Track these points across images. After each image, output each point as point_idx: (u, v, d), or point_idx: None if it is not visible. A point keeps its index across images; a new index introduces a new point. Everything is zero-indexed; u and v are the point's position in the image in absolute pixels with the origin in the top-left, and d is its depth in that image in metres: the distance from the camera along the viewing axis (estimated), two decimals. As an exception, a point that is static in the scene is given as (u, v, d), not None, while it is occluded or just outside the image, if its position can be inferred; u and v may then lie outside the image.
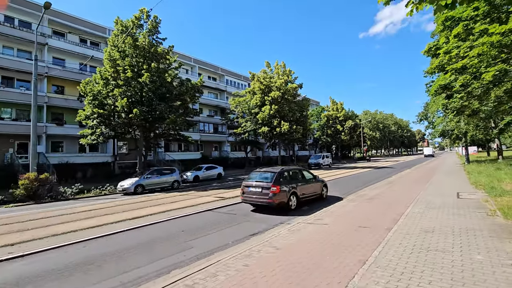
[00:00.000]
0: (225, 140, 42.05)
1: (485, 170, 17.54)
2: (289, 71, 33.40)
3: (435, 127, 27.79)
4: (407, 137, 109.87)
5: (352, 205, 9.22)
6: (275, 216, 8.40)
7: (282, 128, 30.52)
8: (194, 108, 21.29)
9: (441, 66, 11.62)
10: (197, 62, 41.73)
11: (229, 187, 16.41)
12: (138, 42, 17.93)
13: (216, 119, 41.59)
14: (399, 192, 11.58)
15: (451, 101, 12.61)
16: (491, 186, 10.87)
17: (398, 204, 8.94)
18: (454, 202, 8.84)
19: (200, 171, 22.86)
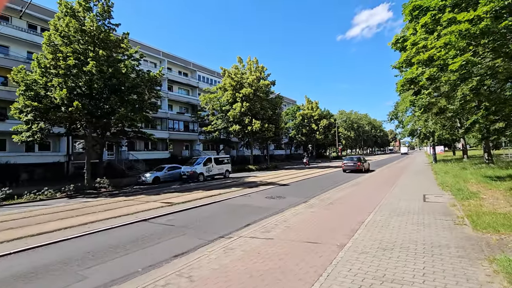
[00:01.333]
0: (196, 138, 40.09)
1: (452, 169, 17.40)
2: (262, 68, 32.23)
3: (404, 126, 27.96)
4: (380, 136, 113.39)
5: (310, 212, 8.10)
6: (217, 228, 7.07)
7: (253, 127, 29.30)
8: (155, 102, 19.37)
9: (408, 60, 10.88)
10: (167, 56, 39.40)
11: (186, 190, 14.86)
12: (85, 27, 15.80)
13: (187, 116, 39.55)
14: (365, 195, 10.70)
15: (418, 98, 11.96)
16: (457, 187, 10.27)
17: (360, 210, 7.94)
18: (420, 207, 7.99)
19: (161, 172, 21.03)
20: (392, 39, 10.70)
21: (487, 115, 12.10)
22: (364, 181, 15.79)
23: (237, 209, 9.38)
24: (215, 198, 11.72)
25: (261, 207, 9.64)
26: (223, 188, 15.10)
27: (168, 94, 37.94)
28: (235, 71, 31.24)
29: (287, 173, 25.21)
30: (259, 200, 11.09)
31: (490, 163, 17.59)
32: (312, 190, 13.38)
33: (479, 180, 11.98)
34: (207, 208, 9.66)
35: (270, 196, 11.83)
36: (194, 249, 5.50)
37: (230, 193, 13.12)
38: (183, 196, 12.51)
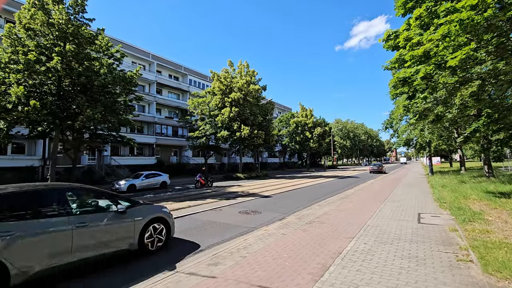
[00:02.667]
0: (185, 144, 38.55)
1: (449, 182, 16.06)
2: (252, 72, 31.10)
3: (399, 135, 26.77)
4: (377, 146, 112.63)
5: (281, 234, 6.64)
6: (157, 255, 5.59)
7: (242, 133, 27.94)
8: (130, 104, 17.98)
9: (401, 60, 9.66)
10: (156, 59, 38.27)
11: (156, 201, 13.32)
12: (53, 20, 14.50)
13: (176, 121, 38.11)
14: (351, 212, 9.27)
15: (413, 102, 10.69)
16: (457, 205, 8.88)
17: (341, 234, 6.51)
18: (413, 230, 6.57)
19: (138, 180, 19.47)
20: (383, 35, 9.48)
21: (489, 123, 10.84)
22: (355, 193, 14.38)
23: (197, 227, 7.90)
24: (181, 212, 10.22)
25: (228, 225, 8.17)
26: (198, 199, 13.59)
27: (156, 98, 36.68)
28: (224, 75, 30.06)
29: (276, 182, 23.74)
30: (230, 215, 9.62)
31: (490, 176, 16.29)
32: (295, 203, 11.94)
33: (481, 196, 10.62)
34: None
35: (245, 210, 10.36)
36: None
37: (201, 205, 11.63)
38: (147, 208, 10.97)
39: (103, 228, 4.70)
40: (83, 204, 4.95)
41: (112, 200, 5.27)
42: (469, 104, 10.89)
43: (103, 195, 5.41)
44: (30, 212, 4.04)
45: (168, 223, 6.01)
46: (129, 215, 5.19)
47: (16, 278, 3.55)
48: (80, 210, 4.71)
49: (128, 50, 34.69)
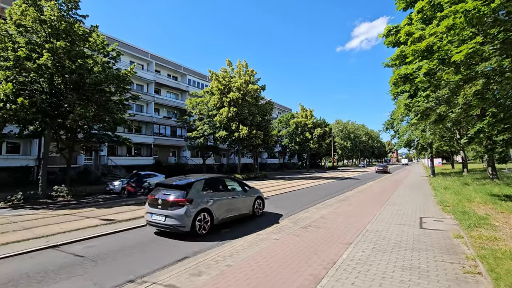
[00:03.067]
0: (184, 145, 38.10)
1: (452, 185, 15.60)
2: (251, 72, 30.71)
3: (400, 136, 26.28)
4: (377, 147, 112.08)
5: (273, 240, 6.21)
6: (136, 263, 5.17)
7: (240, 133, 27.52)
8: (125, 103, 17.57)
9: (403, 56, 9.22)
10: (155, 58, 37.91)
11: (149, 202, 12.89)
12: (44, 16, 14.12)
13: (174, 121, 37.69)
14: (349, 215, 8.83)
15: (414, 101, 10.25)
16: (461, 209, 8.43)
17: (337, 240, 6.07)
18: (414, 237, 6.13)
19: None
20: (383, 30, 9.05)
21: (494, 123, 10.39)
22: (354, 195, 13.93)
23: (187, 231, 7.47)
24: (172, 214, 9.80)
25: (219, 229, 7.74)
26: (191, 200, 13.16)
27: (154, 98, 36.29)
28: (223, 75, 29.66)
29: (274, 183, 23.29)
30: (222, 218, 9.19)
31: (494, 178, 15.83)
32: (291, 206, 11.50)
33: (485, 199, 10.17)
34: (150, 229, 7.74)
35: (239, 213, 9.91)
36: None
37: (194, 207, 11.19)
38: (137, 210, 10.56)
39: (240, 200, 8.38)
40: (232, 186, 8.71)
41: (241, 184, 9.02)
42: (473, 103, 10.45)
43: (238, 181, 9.20)
44: (216, 188, 7.91)
45: (264, 201, 9.73)
46: (249, 194, 8.91)
47: (215, 221, 7.28)
48: (231, 189, 8.49)
49: (126, 49, 34.39)
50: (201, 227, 6.81)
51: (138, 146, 35.17)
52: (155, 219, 6.83)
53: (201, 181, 7.36)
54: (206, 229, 6.94)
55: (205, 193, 7.26)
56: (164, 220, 6.63)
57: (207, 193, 7.34)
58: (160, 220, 6.71)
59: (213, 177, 8.14)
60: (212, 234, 7.06)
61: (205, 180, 7.53)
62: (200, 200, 6.92)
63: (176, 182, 7.29)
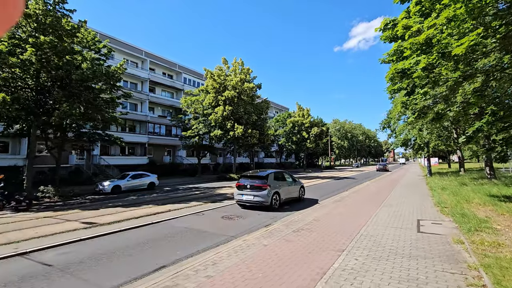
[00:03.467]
0: (179, 144, 37.56)
1: (449, 185, 15.28)
2: (247, 70, 30.23)
3: (397, 136, 25.96)
4: (374, 147, 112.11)
5: (262, 245, 5.79)
6: (109, 274, 4.73)
7: (236, 132, 27.06)
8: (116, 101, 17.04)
9: (400, 51, 8.83)
10: (150, 56, 37.28)
11: (136, 203, 12.42)
12: (29, 10, 13.56)
13: (169, 120, 37.13)
14: (344, 217, 8.43)
15: (412, 99, 9.88)
16: (460, 211, 8.07)
17: (329, 246, 5.67)
18: (412, 241, 5.74)
19: (123, 180, 18.53)
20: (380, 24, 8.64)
21: (494, 121, 10.05)
22: (350, 195, 13.55)
23: (170, 236, 7.03)
24: (159, 216, 9.34)
25: (206, 232, 7.31)
26: (182, 202, 12.71)
27: (149, 96, 35.69)
28: (218, 73, 29.15)
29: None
30: (211, 221, 8.76)
31: (492, 178, 15.54)
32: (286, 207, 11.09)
33: (485, 200, 9.83)
34: (132, 233, 7.30)
35: (229, 215, 9.49)
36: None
37: (183, 209, 10.75)
38: (124, 212, 10.09)
39: (292, 188, 11.74)
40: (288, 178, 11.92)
41: (292, 177, 12.33)
42: (472, 101, 10.10)
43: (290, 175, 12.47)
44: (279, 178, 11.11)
45: (304, 189, 13.43)
46: (297, 184, 12.35)
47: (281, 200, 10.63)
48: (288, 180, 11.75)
49: (121, 47, 33.81)
50: (275, 203, 10.35)
51: (132, 145, 34.58)
52: (246, 198, 10.37)
53: (273, 173, 10.91)
54: (277, 205, 10.46)
55: (276, 182, 10.73)
56: (253, 198, 10.18)
57: (276, 181, 10.81)
58: (250, 198, 10.26)
59: (278, 171, 11.74)
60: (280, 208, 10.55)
61: (274, 173, 11.12)
62: (273, 185, 10.41)
63: (259, 174, 10.98)
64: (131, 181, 18.78)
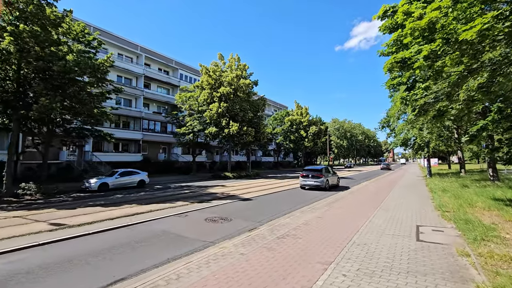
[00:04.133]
0: (175, 141, 36.83)
1: (450, 186, 14.59)
2: (244, 66, 29.48)
3: (397, 135, 25.24)
4: (374, 147, 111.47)
5: (239, 254, 5.09)
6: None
7: (231, 129, 26.34)
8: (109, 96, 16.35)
9: (400, 41, 8.10)
10: (145, 51, 36.52)
11: (118, 203, 11.71)
12: (9, -4, 12.79)
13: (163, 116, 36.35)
14: (336, 222, 7.74)
15: (412, 94, 9.16)
16: (463, 216, 7.37)
17: (316, 256, 4.97)
18: (410, 253, 5.04)
19: (111, 178, 17.81)
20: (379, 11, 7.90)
21: (500, 119, 9.35)
22: (346, 196, 12.86)
23: (145, 240, 6.34)
24: (138, 217, 8.64)
25: (183, 238, 6.61)
26: (167, 201, 12.00)
27: (143, 92, 34.95)
28: (214, 68, 28.40)
29: (264, 182, 22.20)
30: (193, 223, 8.06)
31: (495, 180, 14.85)
32: (275, 209, 10.39)
33: (489, 204, 9.14)
34: (101, 237, 6.60)
35: (213, 217, 8.78)
36: None
37: (166, 209, 10.05)
38: (100, 213, 9.38)
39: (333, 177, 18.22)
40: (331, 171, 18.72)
41: (333, 170, 19.34)
42: (477, 97, 9.38)
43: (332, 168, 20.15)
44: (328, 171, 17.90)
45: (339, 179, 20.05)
46: (336, 175, 19.06)
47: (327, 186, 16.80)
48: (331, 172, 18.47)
49: (115, 41, 33.04)
50: (326, 187, 16.38)
51: (126, 142, 33.82)
52: (308, 183, 16.35)
53: (324, 167, 17.62)
54: (327, 188, 16.41)
55: (326, 173, 16.87)
56: (314, 183, 16.08)
57: (326, 173, 16.96)
58: (311, 183, 16.20)
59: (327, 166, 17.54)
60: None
61: (325, 167, 17.84)
62: (325, 175, 16.57)
63: (317, 167, 17.43)
64: (119, 179, 18.06)
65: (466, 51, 6.33)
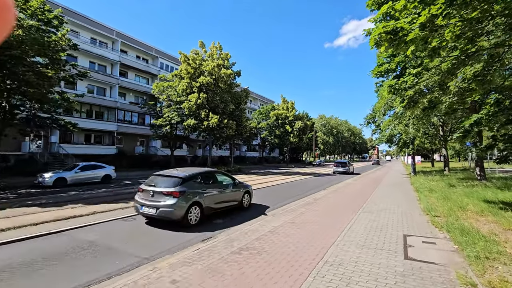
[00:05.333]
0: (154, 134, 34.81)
1: (436, 186, 13.72)
2: (226, 55, 27.81)
3: (382, 131, 24.47)
4: (359, 144, 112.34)
5: (169, 282, 3.70)
6: None
7: (210, 122, 24.75)
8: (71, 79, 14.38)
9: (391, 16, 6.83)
10: (121, 37, 34.07)
11: (63, 201, 10.04)
12: None
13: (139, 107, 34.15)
14: (310, 229, 6.48)
15: (401, 81, 7.98)
16: (458, 226, 6.24)
17: (273, 285, 3.64)
18: (397, 279, 3.80)
19: (70, 172, 15.93)
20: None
21: (496, 113, 8.33)
22: (326, 196, 11.70)
23: (61, 256, 4.85)
24: (71, 222, 7.08)
25: (114, 250, 5.16)
26: (122, 200, 10.42)
27: (119, 80, 32.62)
28: (193, 57, 26.56)
29: (244, 179, 20.84)
30: (134, 230, 6.60)
31: (482, 179, 14.12)
32: (246, 211, 9.06)
33: (482, 207, 8.15)
34: (4, 250, 5.04)
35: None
36: None
37: (115, 211, 8.52)
38: (28, 216, 7.72)
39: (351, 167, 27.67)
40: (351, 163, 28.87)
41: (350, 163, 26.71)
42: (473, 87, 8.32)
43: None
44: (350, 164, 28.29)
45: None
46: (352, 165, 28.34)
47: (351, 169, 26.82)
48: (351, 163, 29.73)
49: (88, 24, 30.57)
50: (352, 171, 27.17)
51: (99, 133, 31.56)
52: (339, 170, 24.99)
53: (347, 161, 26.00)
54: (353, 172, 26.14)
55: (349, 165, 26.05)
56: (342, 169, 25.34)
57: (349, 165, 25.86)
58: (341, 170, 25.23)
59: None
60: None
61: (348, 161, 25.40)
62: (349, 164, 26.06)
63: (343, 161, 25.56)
64: (79, 173, 16.19)
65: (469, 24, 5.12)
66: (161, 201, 6.53)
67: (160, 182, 7.17)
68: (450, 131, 22.55)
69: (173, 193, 6.55)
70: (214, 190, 7.73)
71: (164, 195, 6.60)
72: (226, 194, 8.16)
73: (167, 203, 6.43)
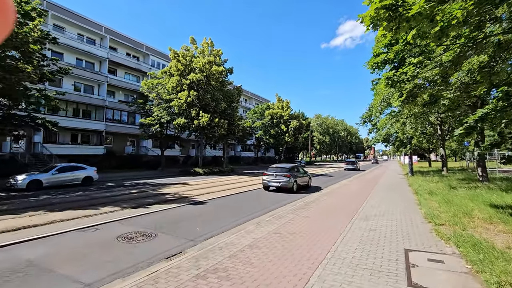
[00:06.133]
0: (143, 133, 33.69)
1: (436, 188, 12.89)
2: (217, 52, 26.84)
3: (379, 129, 23.67)
4: (356, 143, 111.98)
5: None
6: None
7: (200, 120, 23.77)
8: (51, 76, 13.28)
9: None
10: (110, 33, 32.94)
11: (26, 208, 9.03)
12: None
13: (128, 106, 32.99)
14: (296, 242, 5.58)
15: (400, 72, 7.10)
16: (468, 238, 5.37)
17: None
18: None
19: (47, 174, 14.87)
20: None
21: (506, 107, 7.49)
22: (319, 199, 10.82)
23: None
24: (18, 235, 6.09)
25: (53, 276, 4.20)
26: (93, 206, 9.42)
27: (107, 78, 31.46)
28: (184, 53, 25.55)
29: (235, 180, 19.92)
30: (94, 245, 5.63)
31: (484, 181, 13.34)
32: (226, 218, 8.14)
33: (489, 213, 7.31)
34: None
35: (132, 233, 6.34)
36: None
37: (79, 219, 7.52)
38: (-24, 225, 6.73)
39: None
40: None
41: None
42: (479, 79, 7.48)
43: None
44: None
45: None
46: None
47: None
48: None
49: (75, 20, 29.47)
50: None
51: (87, 133, 30.41)
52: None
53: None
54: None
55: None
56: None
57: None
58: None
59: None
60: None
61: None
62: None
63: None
64: (57, 175, 15.13)
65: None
66: (282, 179, 13.09)
67: (279, 170, 13.62)
68: (448, 130, 21.83)
69: (287, 175, 13.15)
70: (299, 175, 14.24)
71: (282, 176, 13.14)
72: (303, 178, 14.68)
73: (285, 180, 13.05)
